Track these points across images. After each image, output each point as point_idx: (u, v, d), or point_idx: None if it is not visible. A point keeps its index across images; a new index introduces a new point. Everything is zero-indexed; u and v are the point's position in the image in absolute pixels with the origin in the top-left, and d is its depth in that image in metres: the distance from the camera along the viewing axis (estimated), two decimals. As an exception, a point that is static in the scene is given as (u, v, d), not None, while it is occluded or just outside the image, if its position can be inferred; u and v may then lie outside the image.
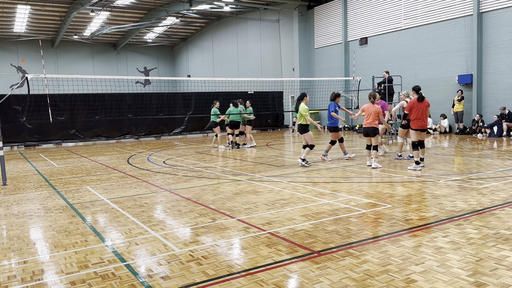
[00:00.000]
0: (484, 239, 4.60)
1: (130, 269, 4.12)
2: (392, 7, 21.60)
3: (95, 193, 8.08)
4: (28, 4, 27.50)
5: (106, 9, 28.36)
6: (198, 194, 7.56)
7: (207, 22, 36.58)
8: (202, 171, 10.34)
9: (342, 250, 4.43)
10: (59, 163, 13.28)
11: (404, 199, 6.61)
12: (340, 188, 7.71)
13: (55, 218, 6.20)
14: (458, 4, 18.61)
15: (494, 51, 17.63)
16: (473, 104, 18.33)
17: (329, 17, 25.69)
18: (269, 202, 6.75)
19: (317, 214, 5.88)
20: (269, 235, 5.03)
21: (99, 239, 5.11)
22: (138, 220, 5.91)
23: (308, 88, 26.17)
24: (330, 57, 25.84)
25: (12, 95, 18.78)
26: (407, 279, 3.66)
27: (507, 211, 5.73)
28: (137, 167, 11.63)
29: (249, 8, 29.51)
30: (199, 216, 6.04)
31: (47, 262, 4.40)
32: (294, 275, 3.85)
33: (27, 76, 10.69)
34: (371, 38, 23.13)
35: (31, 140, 20.07)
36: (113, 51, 41.05)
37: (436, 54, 19.72)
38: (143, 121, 22.52)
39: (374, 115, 9.91)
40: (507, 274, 3.69)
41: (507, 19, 17.06)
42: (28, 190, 8.61)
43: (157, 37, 40.33)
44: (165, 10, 29.65)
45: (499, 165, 9.69)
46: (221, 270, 4.01)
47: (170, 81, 41.39)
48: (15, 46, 35.93)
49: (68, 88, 18.20)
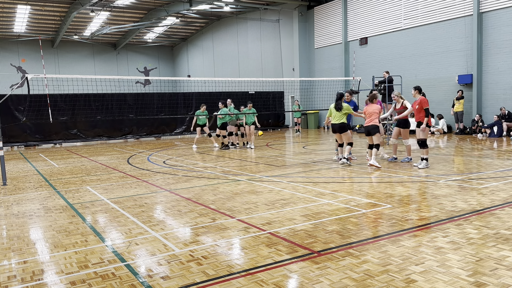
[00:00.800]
0: (484, 239, 4.60)
1: (130, 269, 4.12)
2: (392, 7, 21.61)
3: (95, 193, 8.08)
4: (28, 4, 27.50)
5: (106, 9, 28.36)
6: (198, 194, 7.56)
7: (207, 22, 36.58)
8: (202, 171, 10.34)
9: (342, 250, 4.43)
10: (59, 163, 13.29)
11: (404, 199, 6.61)
12: (340, 188, 7.71)
13: (55, 218, 6.20)
14: (458, 4, 18.61)
15: (494, 51, 17.63)
16: (473, 104, 18.33)
17: (329, 17, 25.69)
18: (269, 202, 6.75)
19: (317, 214, 5.88)
20: (269, 235, 5.03)
21: (99, 239, 5.11)
22: (138, 220, 5.91)
23: (308, 88, 26.20)
24: (330, 57, 25.84)
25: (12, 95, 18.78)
26: (407, 279, 3.66)
27: (507, 211, 5.73)
28: (137, 167, 11.63)
29: (249, 8, 29.52)
30: (199, 216, 6.04)
31: (47, 262, 4.40)
32: (294, 275, 3.84)
33: (27, 76, 10.68)
34: (371, 38, 23.13)
35: (31, 140, 20.08)
36: (113, 51, 41.06)
37: (436, 54, 19.72)
38: (145, 121, 22.54)
39: (373, 114, 10.05)
40: (507, 274, 3.69)
41: (507, 19, 17.06)
42: (28, 190, 8.62)
43: (157, 37, 40.34)
44: (165, 10, 29.65)
45: (499, 165, 9.69)
46: (221, 270, 4.01)
47: (170, 81, 41.37)
48: (15, 46, 35.93)
49: (69, 88, 18.21)
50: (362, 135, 20.12)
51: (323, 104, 23.77)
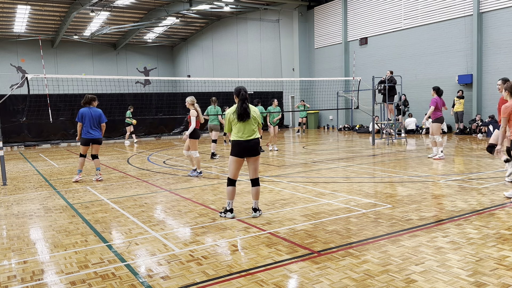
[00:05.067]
0: (484, 239, 4.60)
1: (130, 269, 4.12)
2: (392, 7, 21.61)
3: (95, 193, 8.08)
4: (28, 4, 27.49)
5: (106, 9, 28.36)
6: (198, 194, 7.56)
7: (207, 22, 36.57)
8: (202, 171, 10.33)
9: (342, 250, 4.43)
10: (59, 163, 13.28)
11: (404, 199, 6.61)
12: (340, 188, 7.71)
13: (55, 218, 6.20)
14: (458, 4, 18.61)
15: (494, 51, 17.63)
16: (473, 104, 18.33)
17: (329, 17, 25.69)
18: (269, 202, 6.75)
19: (317, 214, 5.87)
20: (269, 235, 5.03)
21: (99, 239, 5.11)
22: (138, 220, 5.91)
23: (308, 88, 26.21)
24: (330, 57, 25.84)
25: (12, 95, 18.77)
26: (407, 279, 3.66)
27: (507, 211, 5.73)
28: (137, 167, 11.63)
29: (249, 8, 29.51)
30: (199, 216, 6.04)
31: (47, 262, 4.40)
32: (294, 275, 3.84)
33: (27, 76, 10.68)
34: (371, 38, 23.14)
35: (31, 140, 20.07)
36: (113, 51, 41.05)
37: (436, 54, 19.72)
38: (143, 121, 22.54)
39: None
40: (507, 274, 3.69)
41: (507, 19, 17.06)
42: (28, 190, 8.61)
43: (157, 37, 40.32)
44: (165, 10, 29.64)
45: (499, 165, 9.69)
46: (221, 270, 4.01)
47: (170, 81, 41.35)
48: (15, 46, 35.92)
49: (68, 88, 18.20)
50: (362, 135, 20.12)
51: (323, 104, 23.80)
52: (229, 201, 5.82)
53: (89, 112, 9.24)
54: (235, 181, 5.84)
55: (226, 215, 5.83)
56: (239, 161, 5.77)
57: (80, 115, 9.19)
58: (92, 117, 9.23)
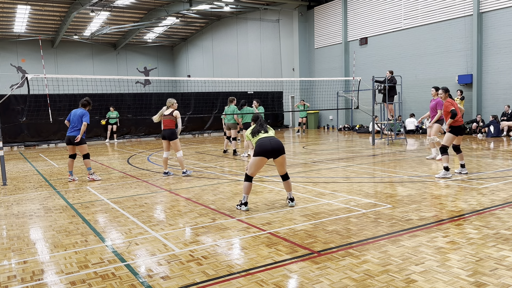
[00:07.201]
0: (484, 239, 4.60)
1: (130, 269, 4.12)
2: (392, 7, 21.61)
3: (95, 193, 8.08)
4: (28, 4, 27.49)
5: (106, 9, 28.35)
6: (198, 194, 7.56)
7: (207, 22, 36.57)
8: (202, 171, 10.34)
9: (342, 250, 4.43)
10: (59, 163, 13.28)
11: (404, 199, 6.61)
12: (340, 188, 7.71)
13: (55, 218, 6.20)
14: (458, 4, 18.61)
15: (494, 51, 17.64)
16: (473, 104, 18.34)
17: (329, 17, 25.69)
18: (269, 202, 6.75)
19: (317, 214, 5.88)
20: (269, 235, 5.03)
21: (99, 239, 5.11)
22: (138, 220, 5.91)
23: (308, 88, 26.21)
24: (330, 57, 25.84)
25: (12, 95, 18.77)
26: (407, 279, 3.66)
27: (507, 211, 5.73)
28: (137, 167, 11.63)
29: (249, 8, 29.51)
30: (199, 216, 6.04)
31: (47, 262, 4.40)
32: (294, 275, 3.84)
33: (27, 76, 10.68)
34: (371, 38, 23.13)
35: (31, 140, 20.07)
36: (113, 51, 41.04)
37: (436, 54, 19.72)
38: (143, 121, 22.54)
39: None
40: (507, 274, 3.69)
41: (507, 19, 17.06)
42: (28, 190, 8.61)
43: (157, 37, 40.32)
44: (165, 10, 29.64)
45: (499, 165, 9.69)
46: (221, 270, 4.01)
47: (170, 81, 41.35)
48: (15, 46, 35.92)
49: (68, 88, 18.19)
50: (362, 135, 20.13)
51: (323, 104, 23.80)
52: (245, 195, 6.30)
53: (75, 112, 9.48)
54: (252, 178, 6.29)
55: (241, 208, 6.29)
56: (263, 161, 6.18)
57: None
58: (75, 116, 9.40)
